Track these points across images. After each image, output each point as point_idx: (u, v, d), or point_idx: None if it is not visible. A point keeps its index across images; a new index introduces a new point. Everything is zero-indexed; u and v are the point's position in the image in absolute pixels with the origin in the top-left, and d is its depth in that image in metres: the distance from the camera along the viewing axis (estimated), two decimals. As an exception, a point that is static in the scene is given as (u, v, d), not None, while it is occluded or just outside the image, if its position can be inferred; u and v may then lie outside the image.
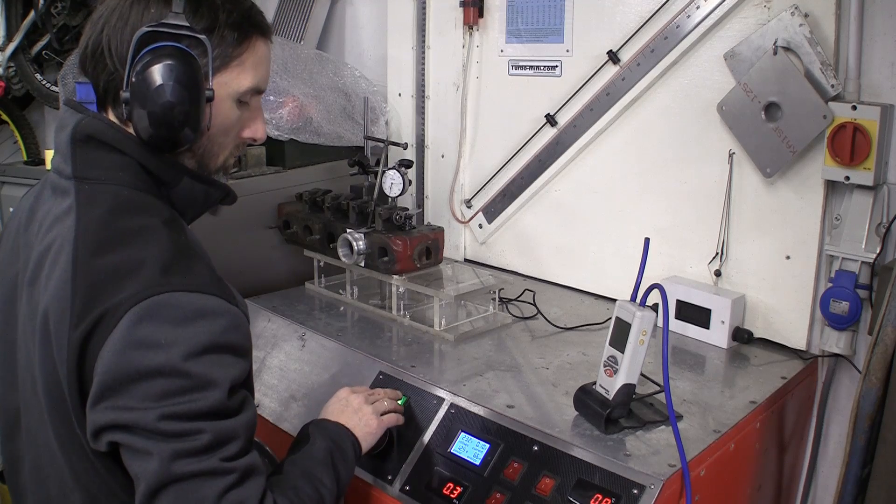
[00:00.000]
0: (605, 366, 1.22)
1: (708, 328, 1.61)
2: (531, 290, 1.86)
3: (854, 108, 1.42)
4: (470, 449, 1.27)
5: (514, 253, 2.09)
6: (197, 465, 0.92)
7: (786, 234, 1.58)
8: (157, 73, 0.98)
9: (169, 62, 0.99)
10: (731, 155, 1.62)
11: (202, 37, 1.02)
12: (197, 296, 0.95)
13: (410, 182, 1.83)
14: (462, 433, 1.29)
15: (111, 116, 1.07)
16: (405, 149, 1.91)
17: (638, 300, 1.19)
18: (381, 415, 1.30)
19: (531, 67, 1.97)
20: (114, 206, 1.02)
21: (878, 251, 1.46)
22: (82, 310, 0.94)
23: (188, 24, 1.02)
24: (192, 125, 1.02)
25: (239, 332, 0.99)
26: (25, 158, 3.03)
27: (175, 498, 0.91)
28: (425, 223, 2.04)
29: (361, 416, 1.27)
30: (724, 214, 1.64)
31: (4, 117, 3.13)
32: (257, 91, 1.12)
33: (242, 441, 0.97)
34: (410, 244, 1.69)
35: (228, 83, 1.07)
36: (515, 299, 1.84)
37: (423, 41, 2.15)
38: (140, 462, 0.92)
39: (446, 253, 1.89)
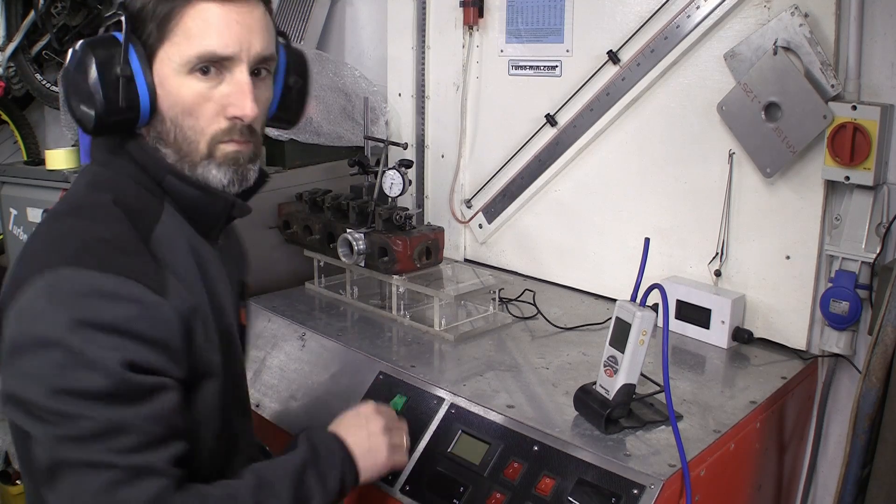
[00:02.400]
0: (605, 366, 1.22)
1: (708, 328, 1.61)
2: (531, 290, 1.86)
3: (854, 108, 1.42)
4: (470, 449, 1.27)
5: (514, 253, 2.09)
6: (81, 453, 0.88)
7: (786, 234, 1.58)
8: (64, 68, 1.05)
9: (75, 53, 1.02)
10: (731, 155, 1.62)
11: (122, 18, 1.00)
12: (108, 276, 0.92)
13: (410, 182, 1.83)
14: (462, 433, 1.29)
15: None
16: (405, 149, 1.91)
17: (638, 300, 1.19)
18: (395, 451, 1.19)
19: (531, 67, 1.97)
20: (90, 182, 1.06)
21: (878, 251, 1.46)
22: (12, 276, 0.97)
23: (118, 12, 1.01)
24: (98, 106, 0.99)
25: (150, 322, 0.93)
26: (25, 158, 3.04)
27: (70, 484, 0.89)
28: (425, 223, 2.04)
29: (374, 443, 1.16)
30: (723, 214, 1.64)
31: (4, 117, 3.13)
32: (213, 58, 1.00)
33: (141, 435, 0.90)
34: (410, 244, 1.69)
35: (171, 57, 1.01)
36: (515, 299, 1.84)
37: (423, 41, 2.15)
38: (33, 444, 0.91)
39: (446, 253, 1.89)
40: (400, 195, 1.76)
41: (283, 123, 1.24)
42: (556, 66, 1.91)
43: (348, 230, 1.75)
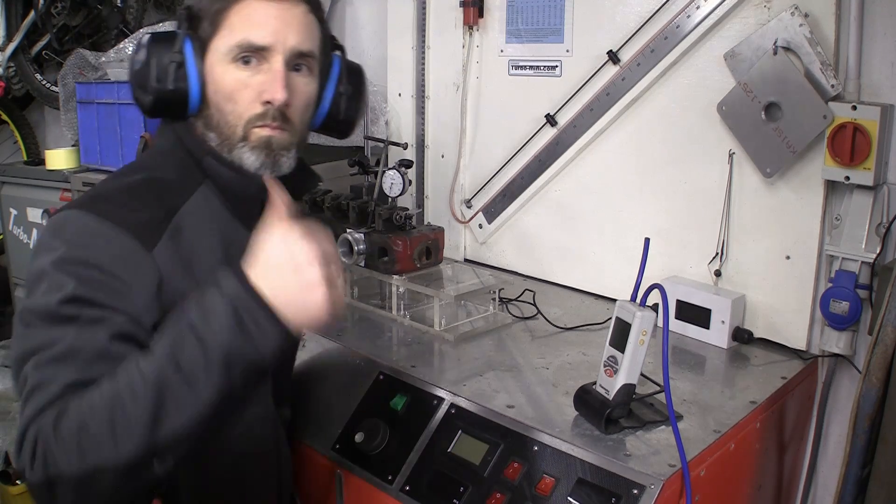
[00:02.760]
0: (605, 366, 1.22)
1: (708, 328, 1.61)
2: (531, 290, 1.86)
3: (854, 108, 1.42)
4: (470, 449, 1.27)
5: (514, 253, 2.09)
6: (30, 366, 0.93)
7: (786, 234, 1.58)
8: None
9: (140, 42, 1.15)
10: (731, 155, 1.62)
11: (183, 14, 1.14)
12: (104, 223, 1.02)
13: (410, 182, 1.83)
14: (462, 433, 1.29)
15: None
16: (405, 149, 1.91)
17: (638, 300, 1.19)
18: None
19: (531, 67, 1.97)
20: (135, 161, 1.26)
21: (878, 251, 1.46)
22: None
23: (182, 10, 1.16)
24: (155, 92, 1.12)
25: (125, 267, 1.00)
26: (25, 158, 3.04)
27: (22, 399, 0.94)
28: (425, 223, 2.04)
29: (303, 280, 0.90)
30: (723, 214, 1.64)
31: (4, 117, 3.13)
32: (251, 47, 1.10)
33: (48, 356, 0.93)
34: (410, 244, 1.69)
35: (218, 48, 1.12)
36: (515, 299, 1.84)
37: (423, 41, 2.15)
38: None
39: (446, 253, 1.89)
40: (400, 195, 1.76)
41: (335, 133, 1.32)
42: (556, 66, 1.91)
43: (348, 230, 1.75)
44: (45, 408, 0.89)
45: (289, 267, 0.90)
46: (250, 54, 1.11)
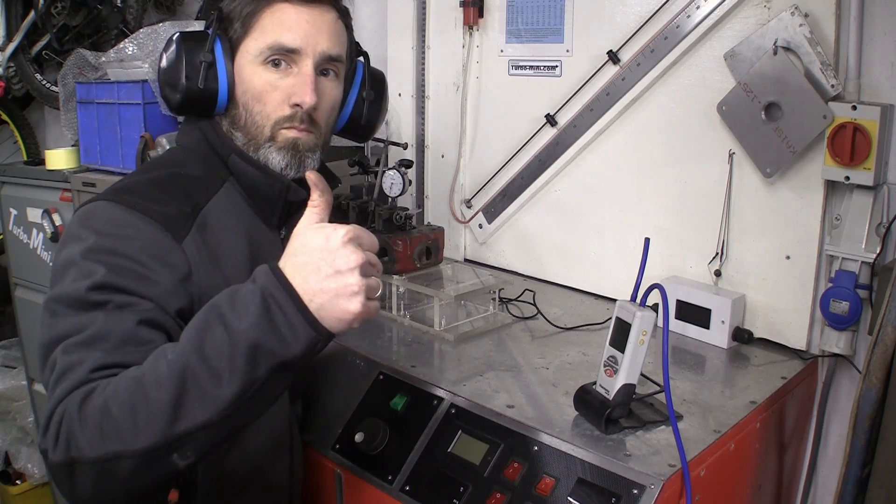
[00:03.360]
0: (605, 366, 1.22)
1: (708, 328, 1.61)
2: (531, 290, 1.86)
3: (854, 108, 1.42)
4: (470, 449, 1.27)
5: (514, 253, 2.09)
6: (58, 351, 0.94)
7: (786, 234, 1.58)
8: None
9: (170, 41, 1.17)
10: (731, 155, 1.62)
11: (213, 16, 1.17)
12: (133, 214, 1.04)
13: (410, 182, 1.83)
14: (462, 433, 1.29)
15: None
16: (405, 149, 1.91)
17: (638, 300, 1.19)
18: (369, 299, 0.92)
19: (531, 67, 1.97)
20: (161, 156, 1.31)
21: (878, 251, 1.46)
22: None
23: (212, 11, 1.18)
24: (184, 90, 1.15)
25: (153, 256, 1.02)
26: (25, 158, 3.04)
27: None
28: (425, 223, 2.04)
29: (341, 286, 0.88)
30: (723, 214, 1.65)
31: (4, 117, 3.13)
32: (282, 49, 1.13)
33: (77, 341, 0.94)
34: (410, 244, 1.69)
35: (249, 49, 1.15)
36: (515, 299, 1.84)
37: (423, 41, 2.15)
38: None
39: (446, 253, 1.89)
40: (400, 195, 1.76)
41: (355, 136, 1.36)
42: (556, 66, 1.91)
43: (348, 230, 1.75)
44: (72, 390, 0.89)
45: (329, 270, 0.88)
46: (281, 57, 1.13)
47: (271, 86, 1.14)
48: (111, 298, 0.97)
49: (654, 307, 1.18)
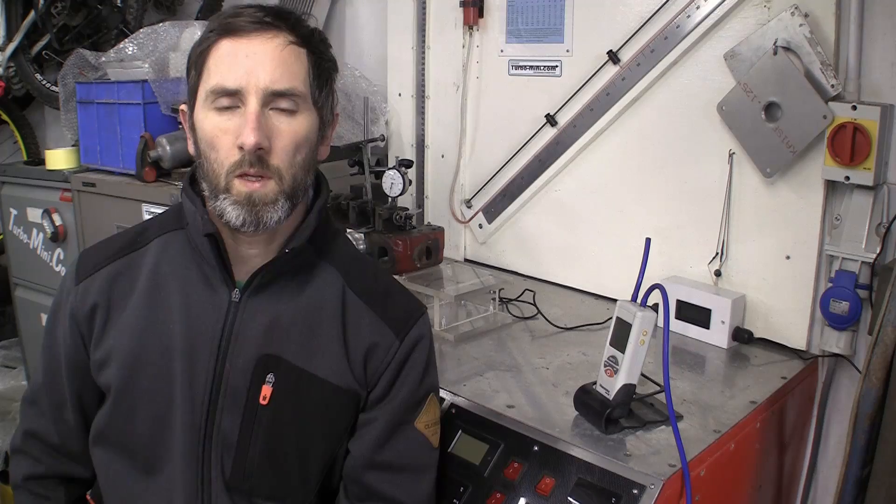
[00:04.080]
0: (605, 366, 1.22)
1: (708, 328, 1.61)
2: (531, 290, 1.86)
3: (854, 108, 1.42)
4: (470, 449, 1.27)
5: (515, 253, 2.09)
6: None
7: (786, 234, 1.58)
8: None
9: None
10: (731, 155, 1.62)
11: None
12: (74, 263, 1.20)
13: (410, 182, 1.83)
14: (462, 433, 1.29)
15: None
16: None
17: (639, 300, 1.19)
18: None
19: (531, 67, 1.97)
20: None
21: (878, 251, 1.46)
22: None
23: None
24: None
25: (69, 301, 1.17)
26: (25, 158, 3.04)
27: None
28: (425, 223, 2.04)
29: None
30: (724, 214, 1.65)
31: (4, 117, 3.13)
32: (222, 91, 1.04)
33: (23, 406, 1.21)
34: (410, 244, 1.69)
35: (200, 95, 1.07)
36: (515, 299, 1.84)
37: (423, 41, 2.15)
38: None
39: (446, 253, 1.89)
40: (400, 195, 1.76)
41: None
42: (556, 66, 1.91)
43: (348, 230, 1.75)
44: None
45: None
46: (225, 98, 1.04)
47: (221, 130, 1.04)
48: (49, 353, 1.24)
49: (655, 307, 1.19)
